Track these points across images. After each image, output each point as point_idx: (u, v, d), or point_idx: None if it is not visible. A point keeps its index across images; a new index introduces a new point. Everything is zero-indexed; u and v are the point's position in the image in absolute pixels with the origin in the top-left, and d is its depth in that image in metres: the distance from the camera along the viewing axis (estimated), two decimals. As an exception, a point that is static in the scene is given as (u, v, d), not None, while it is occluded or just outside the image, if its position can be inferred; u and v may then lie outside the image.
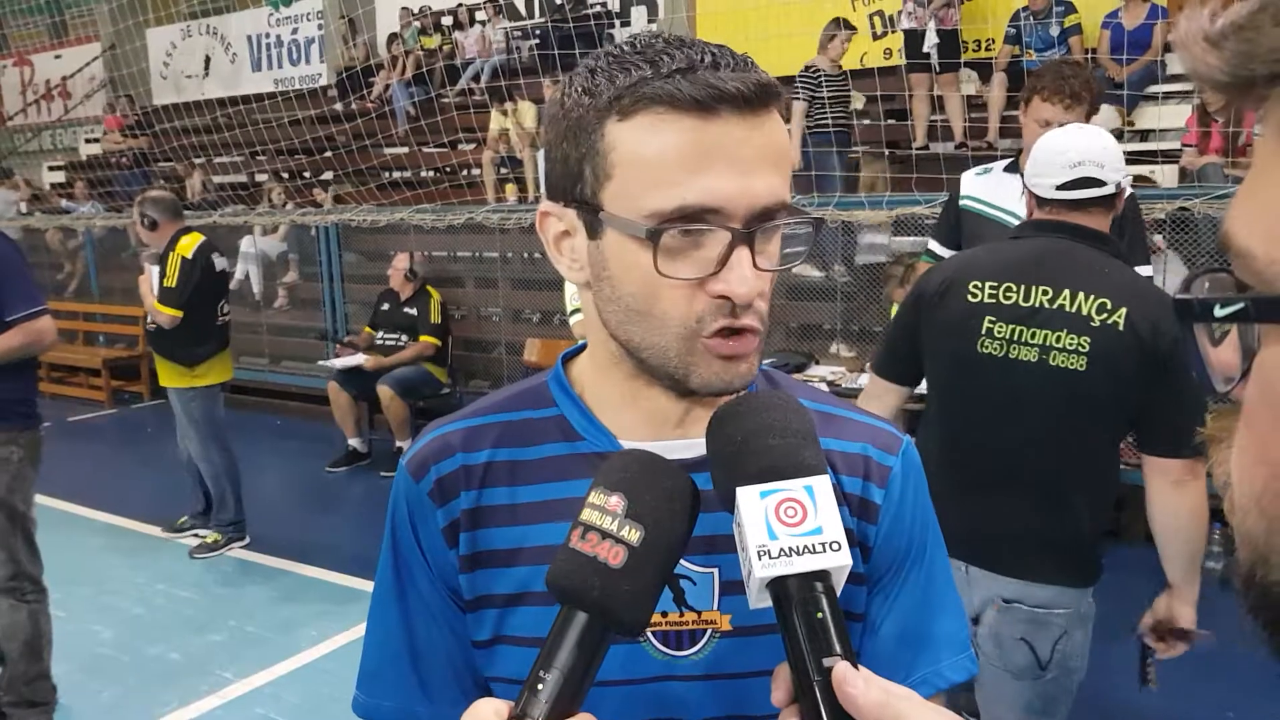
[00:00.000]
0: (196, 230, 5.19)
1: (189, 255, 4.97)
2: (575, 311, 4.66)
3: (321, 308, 8.36)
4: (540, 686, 0.63)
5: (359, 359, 6.69)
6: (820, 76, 6.85)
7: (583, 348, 0.92)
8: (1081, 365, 1.96)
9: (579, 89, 0.77)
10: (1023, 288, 2.02)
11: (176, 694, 3.62)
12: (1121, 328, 1.94)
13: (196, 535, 5.35)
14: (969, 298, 2.06)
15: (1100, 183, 2.03)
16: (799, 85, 6.86)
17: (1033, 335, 2.00)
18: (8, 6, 14.67)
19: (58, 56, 15.33)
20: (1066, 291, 1.99)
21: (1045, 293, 2.00)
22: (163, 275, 4.94)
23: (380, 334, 6.94)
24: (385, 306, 7.00)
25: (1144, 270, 2.86)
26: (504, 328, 7.56)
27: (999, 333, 2.02)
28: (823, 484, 0.65)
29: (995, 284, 2.04)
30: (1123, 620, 2.35)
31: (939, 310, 2.11)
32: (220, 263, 5.15)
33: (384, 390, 6.48)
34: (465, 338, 7.56)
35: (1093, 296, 1.98)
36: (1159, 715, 3.33)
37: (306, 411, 8.17)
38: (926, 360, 2.19)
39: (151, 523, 5.60)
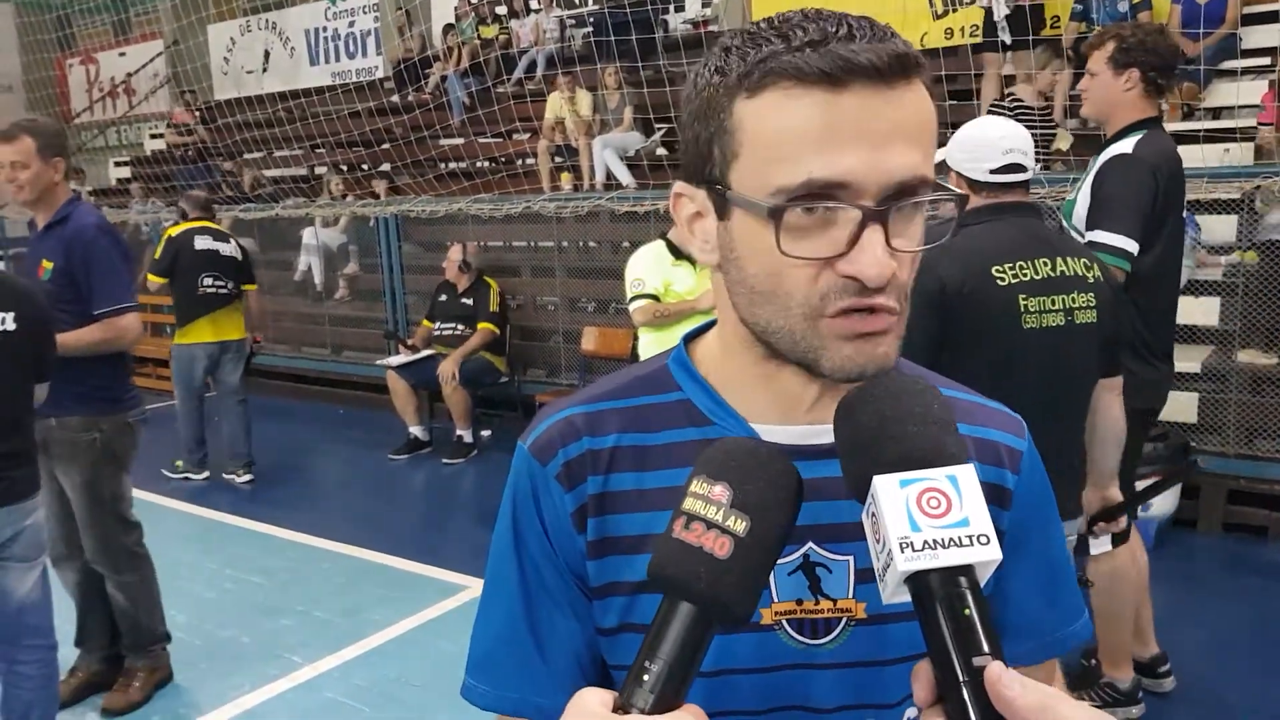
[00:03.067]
0: (228, 219, 5.99)
1: (174, 235, 6.16)
2: (635, 299, 4.65)
3: (382, 298, 8.45)
4: (645, 677, 0.62)
5: (418, 356, 6.80)
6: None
7: (704, 329, 0.90)
8: (1094, 318, 2.32)
9: (712, 68, 0.75)
10: (1031, 263, 2.28)
11: (248, 677, 3.70)
12: (1103, 279, 2.36)
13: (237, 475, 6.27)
14: (998, 282, 2.25)
15: (1024, 168, 2.35)
16: None
17: (1052, 302, 2.27)
18: (73, 6, 15.02)
19: (122, 54, 15.67)
20: (1059, 259, 2.30)
21: (1046, 264, 2.28)
22: (155, 251, 6.30)
23: (438, 325, 7.00)
24: (443, 298, 7.06)
25: (1106, 236, 2.87)
26: (561, 316, 7.56)
27: (1032, 306, 2.26)
28: (967, 474, 0.62)
29: (1012, 264, 2.26)
30: (1197, 607, 2.29)
31: (970, 303, 2.25)
32: (203, 243, 6.13)
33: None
34: (522, 326, 7.59)
35: (1077, 259, 2.33)
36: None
37: (369, 401, 8.29)
38: (961, 349, 2.32)
39: (221, 510, 5.73)
